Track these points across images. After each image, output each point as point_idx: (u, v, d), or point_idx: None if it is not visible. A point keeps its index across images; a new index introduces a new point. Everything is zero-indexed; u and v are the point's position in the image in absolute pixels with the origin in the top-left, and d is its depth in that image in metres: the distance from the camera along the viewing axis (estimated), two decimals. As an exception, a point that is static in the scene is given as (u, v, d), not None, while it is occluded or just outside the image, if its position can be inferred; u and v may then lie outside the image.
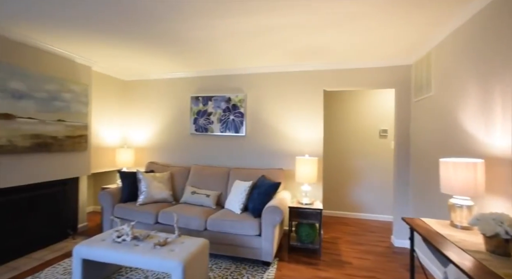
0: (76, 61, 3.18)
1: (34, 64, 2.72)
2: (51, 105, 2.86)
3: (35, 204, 2.84)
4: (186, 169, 3.56)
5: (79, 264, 2.04)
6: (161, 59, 3.28)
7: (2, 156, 2.46)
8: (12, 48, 2.53)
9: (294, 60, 3.22)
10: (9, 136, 2.48)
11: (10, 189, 2.58)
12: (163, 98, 4.06)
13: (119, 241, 2.08)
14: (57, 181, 3.03)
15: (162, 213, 2.84)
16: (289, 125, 3.48)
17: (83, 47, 2.88)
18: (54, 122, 2.89)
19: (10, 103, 2.49)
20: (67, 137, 3.05)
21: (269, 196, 2.75)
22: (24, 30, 2.46)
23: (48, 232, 2.97)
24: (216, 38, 2.57)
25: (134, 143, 4.18)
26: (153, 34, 2.51)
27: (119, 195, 3.15)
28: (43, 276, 2.31)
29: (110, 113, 3.97)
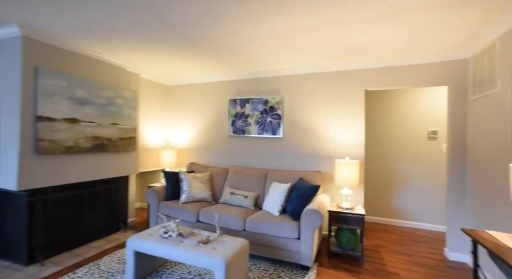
0: (126, 69, 3.48)
1: (93, 74, 3.04)
2: (107, 110, 3.17)
3: (94, 199, 3.16)
4: (225, 170, 3.67)
5: (131, 255, 2.22)
6: (201, 64, 3.43)
7: (69, 156, 2.78)
8: (76, 60, 2.86)
9: (333, 59, 3.13)
10: (75, 138, 2.80)
11: (75, 184, 2.91)
12: (203, 102, 4.23)
13: (166, 237, 2.21)
14: (111, 178, 3.34)
15: (202, 212, 2.95)
16: (327, 127, 3.38)
17: (132, 56, 3.14)
18: (109, 125, 3.20)
19: (76, 109, 2.81)
20: (119, 139, 3.34)
21: (308, 199, 2.70)
22: (85, 44, 2.76)
23: (104, 224, 3.28)
24: (254, 41, 2.61)
25: (176, 144, 4.43)
26: (194, 41, 2.64)
27: (164, 193, 3.36)
28: (102, 263, 2.56)
29: (154, 117, 4.26)
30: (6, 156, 2.45)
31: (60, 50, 2.70)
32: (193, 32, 2.42)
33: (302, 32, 2.38)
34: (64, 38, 2.63)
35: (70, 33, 2.51)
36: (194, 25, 2.27)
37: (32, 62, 2.47)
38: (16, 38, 2.41)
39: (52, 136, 2.60)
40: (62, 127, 2.68)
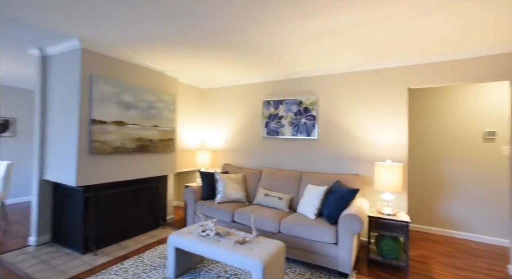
0: (166, 74, 3.68)
1: (137, 79, 3.27)
2: (149, 113, 3.38)
3: (137, 196, 3.39)
4: (258, 171, 3.68)
5: (172, 251, 2.33)
6: (235, 67, 3.50)
7: (117, 156, 3.02)
8: (123, 68, 3.10)
9: (372, 57, 2.97)
10: (122, 140, 3.04)
11: (121, 182, 3.15)
12: (237, 104, 4.31)
13: (204, 235, 2.28)
14: (152, 177, 3.56)
15: (237, 212, 2.99)
16: (366, 128, 3.22)
17: (171, 61, 3.32)
18: (151, 127, 3.41)
19: (122, 112, 3.05)
20: (160, 141, 3.55)
21: (346, 203, 2.59)
22: (130, 52, 2.98)
23: (146, 221, 3.50)
24: (291, 41, 2.59)
25: (210, 145, 4.57)
26: (231, 45, 2.70)
27: (200, 193, 3.47)
28: (145, 257, 2.72)
29: (190, 119, 4.44)
30: (67, 156, 2.74)
31: (110, 59, 2.96)
32: (230, 37, 2.48)
33: (341, 30, 2.30)
34: (114, 48, 2.87)
35: (119, 44, 2.73)
36: (231, 30, 2.33)
37: (88, 71, 2.73)
38: (76, 50, 2.69)
39: (103, 137, 2.85)
40: (111, 130, 2.93)
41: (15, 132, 4.84)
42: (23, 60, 3.38)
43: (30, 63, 3.51)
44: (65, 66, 2.81)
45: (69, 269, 2.46)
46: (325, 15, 2.04)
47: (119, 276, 2.34)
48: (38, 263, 2.57)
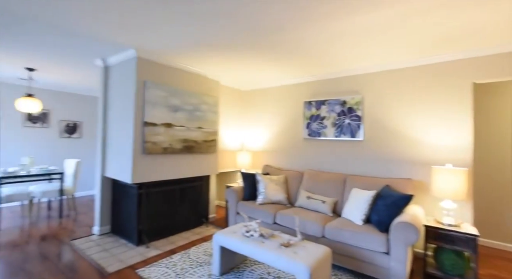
0: (209, 77, 3.83)
1: (183, 83, 3.46)
2: (194, 115, 3.55)
3: (182, 195, 3.57)
4: (300, 173, 3.61)
5: (217, 249, 2.39)
6: (277, 68, 3.48)
7: (165, 156, 3.23)
8: (170, 73, 3.31)
9: (428, 51, 2.70)
10: (170, 141, 3.24)
11: (169, 181, 3.35)
12: (277, 105, 4.30)
13: (248, 236, 2.30)
14: (196, 177, 3.72)
15: (279, 214, 2.96)
16: (420, 128, 2.93)
17: (214, 65, 3.43)
18: (195, 129, 3.57)
19: (170, 115, 3.25)
20: (203, 142, 3.70)
21: (399, 209, 2.38)
22: (177, 58, 3.16)
23: (190, 218, 3.67)
24: (334, 39, 2.48)
25: (251, 146, 4.62)
26: (273, 46, 2.69)
27: (242, 193, 3.53)
28: (191, 253, 2.85)
29: (231, 121, 4.55)
30: (124, 155, 3.02)
31: (160, 66, 3.18)
32: (272, 38, 2.47)
33: (394, 24, 2.13)
34: (163, 55, 3.08)
35: (167, 51, 2.91)
36: (274, 31, 2.32)
37: (142, 77, 2.97)
38: (132, 59, 2.95)
39: (154, 139, 3.07)
40: (160, 131, 3.14)
41: (81, 134, 5.51)
42: (89, 70, 3.83)
43: (94, 73, 3.95)
44: (123, 74, 3.10)
45: (126, 259, 2.70)
46: (376, 9, 1.90)
47: (169, 269, 2.48)
48: (101, 251, 2.86)
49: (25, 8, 2.05)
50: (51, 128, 5.10)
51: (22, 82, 4.66)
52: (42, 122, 4.98)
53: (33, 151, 4.89)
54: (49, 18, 2.21)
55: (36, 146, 4.93)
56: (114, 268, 2.51)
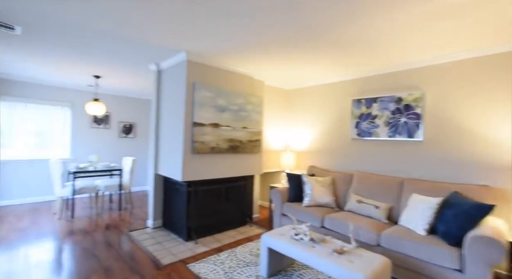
0: (254, 77, 3.84)
1: (229, 84, 3.52)
2: (239, 115, 3.59)
3: (228, 194, 3.64)
4: (348, 175, 3.40)
5: (265, 251, 2.36)
6: (323, 66, 3.33)
7: (212, 155, 3.33)
8: (217, 74, 3.39)
9: (508, 36, 2.30)
10: (217, 141, 3.32)
11: (215, 180, 3.44)
12: (322, 104, 4.13)
13: (297, 239, 2.22)
14: (241, 177, 3.76)
15: (328, 218, 2.82)
16: (501, 128, 2.52)
17: (259, 65, 3.42)
18: (240, 129, 3.61)
19: (217, 115, 3.33)
20: (248, 142, 3.72)
21: (474, 221, 2.06)
22: (223, 59, 3.22)
23: (235, 217, 3.73)
24: (390, 31, 2.26)
25: (295, 147, 4.52)
26: (320, 43, 2.56)
27: (287, 195, 3.46)
28: (237, 251, 2.88)
29: (275, 121, 4.50)
30: (175, 154, 3.18)
31: (208, 67, 3.28)
32: (323, 34, 2.36)
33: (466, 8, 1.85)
34: (210, 57, 3.17)
35: (215, 53, 2.99)
36: (325, 26, 2.20)
37: (191, 79, 3.10)
38: (183, 62, 3.10)
39: (202, 138, 3.17)
40: (208, 131, 3.23)
41: (136, 134, 6.02)
42: (144, 75, 4.15)
43: (148, 77, 4.27)
44: (174, 77, 3.28)
45: (177, 253, 2.83)
46: (449, -11, 1.67)
47: (217, 267, 2.53)
48: (155, 244, 3.06)
49: (97, 23, 2.28)
50: (111, 129, 5.67)
51: (90, 88, 5.27)
52: (104, 123, 5.57)
53: (98, 149, 5.49)
54: (114, 30, 2.42)
55: (100, 145, 5.52)
56: (167, 260, 2.65)
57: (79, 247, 2.93)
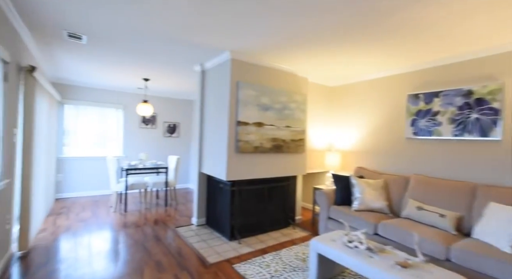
0: (297, 74, 3.69)
1: (272, 82, 3.43)
2: (282, 114, 3.48)
3: (271, 194, 3.56)
4: (404, 178, 3.07)
5: (315, 257, 2.23)
6: (374, 58, 3.05)
7: (256, 155, 3.27)
8: (261, 72, 3.32)
9: None
10: (260, 140, 3.26)
11: (259, 180, 3.39)
12: (370, 101, 3.81)
13: (351, 247, 2.04)
14: (283, 177, 3.65)
15: (383, 225, 2.57)
16: None
17: (302, 61, 3.27)
18: (284, 128, 3.50)
19: (261, 114, 3.27)
20: (291, 141, 3.59)
21: None
22: (267, 57, 3.14)
23: (277, 218, 3.63)
24: (463, 12, 1.94)
25: (340, 147, 4.27)
26: (372, 32, 2.32)
27: (333, 197, 3.25)
28: (282, 255, 2.78)
29: (318, 119, 4.30)
30: (219, 153, 3.20)
31: (251, 66, 3.23)
32: (381, 20, 2.13)
33: None
34: (254, 55, 3.12)
35: (258, 51, 2.92)
36: (386, 10, 1.98)
37: (235, 78, 3.08)
38: (227, 61, 3.10)
39: (246, 137, 3.14)
40: (252, 130, 3.19)
41: (179, 133, 6.29)
42: (188, 76, 4.28)
43: (192, 78, 4.40)
44: (218, 76, 3.30)
45: (222, 252, 2.84)
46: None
47: (263, 269, 2.46)
48: (200, 241, 3.11)
49: (149, 27, 2.37)
50: (157, 129, 6.01)
51: (139, 91, 5.64)
52: (151, 124, 5.92)
53: (145, 148, 5.85)
54: (165, 33, 2.50)
55: (147, 143, 5.88)
56: (213, 259, 2.66)
57: (131, 239, 3.11)
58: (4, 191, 2.27)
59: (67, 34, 2.65)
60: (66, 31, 2.59)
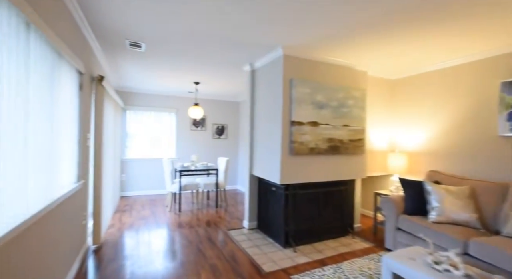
0: (355, 68, 3.34)
1: (327, 78, 3.16)
2: (339, 112, 3.18)
3: (327, 199, 3.28)
4: (500, 186, 2.50)
5: (389, 275, 1.91)
6: (446, 43, 2.55)
7: (311, 156, 3.04)
8: (314, 67, 3.08)
9: None
10: (316, 140, 3.02)
11: (314, 183, 3.14)
12: (444, 93, 3.25)
13: (439, 270, 1.68)
14: (341, 181, 3.33)
15: (477, 244, 2.09)
16: None
17: (361, 53, 2.92)
18: (341, 127, 3.19)
19: (316, 113, 3.02)
20: (349, 141, 3.26)
21: None
22: (321, 51, 2.88)
23: (334, 226, 3.32)
24: None
25: (404, 147, 3.75)
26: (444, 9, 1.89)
27: (402, 205, 2.83)
28: (344, 268, 2.49)
29: (378, 116, 3.85)
30: (272, 155, 3.05)
31: (304, 61, 3.01)
32: None
33: None
34: (307, 50, 2.89)
35: (312, 45, 2.69)
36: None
37: (288, 75, 2.90)
38: (278, 58, 2.94)
39: (301, 138, 2.93)
40: (306, 130, 2.96)
41: (227, 135, 6.37)
42: (235, 77, 4.25)
43: (239, 79, 4.36)
44: (269, 75, 3.16)
45: (277, 260, 2.67)
46: None
47: (325, 284, 2.22)
48: (253, 246, 3.00)
49: (200, 27, 2.35)
50: (207, 131, 6.17)
51: (190, 94, 5.86)
52: (201, 126, 6.10)
53: (196, 149, 6.05)
54: (216, 33, 2.45)
55: (197, 145, 6.08)
56: (269, 267, 2.51)
57: (186, 240, 3.15)
58: (80, 191, 2.47)
59: (129, 43, 2.80)
60: (128, 40, 2.73)
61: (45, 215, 1.62)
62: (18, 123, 1.27)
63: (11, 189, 1.22)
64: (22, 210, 1.33)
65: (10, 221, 1.20)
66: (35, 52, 1.46)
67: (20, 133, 1.30)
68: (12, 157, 1.22)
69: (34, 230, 1.46)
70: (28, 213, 1.37)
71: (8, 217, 1.19)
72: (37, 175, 1.51)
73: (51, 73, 1.69)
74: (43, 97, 1.59)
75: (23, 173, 1.34)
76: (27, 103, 1.37)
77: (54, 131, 1.76)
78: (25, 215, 1.34)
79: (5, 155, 1.15)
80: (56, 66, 1.79)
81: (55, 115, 1.78)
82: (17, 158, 1.27)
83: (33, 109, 1.44)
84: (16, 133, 1.25)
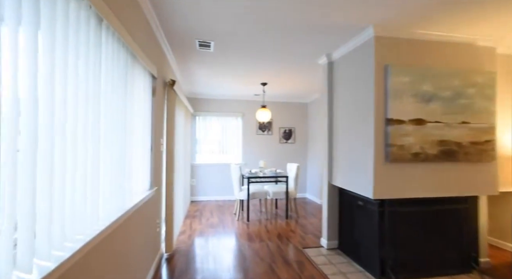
0: (477, 44, 2.47)
1: (435, 60, 2.40)
2: (454, 104, 2.37)
3: (438, 221, 2.47)
4: None
5: None
6: None
7: (415, 164, 2.33)
8: (416, 48, 2.37)
9: None
10: (421, 143, 2.29)
11: (418, 200, 2.40)
12: None
13: None
14: (458, 197, 2.48)
15: None
16: None
17: (486, 22, 2.08)
18: (457, 125, 2.37)
19: (420, 107, 2.31)
20: (471, 144, 2.39)
21: None
22: (425, 25, 2.17)
23: (449, 257, 2.48)
24: None
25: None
26: None
27: None
28: None
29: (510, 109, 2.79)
30: (360, 162, 2.46)
31: (403, 42, 2.35)
32: None
33: None
34: (407, 26, 2.23)
35: (415, 18, 2.02)
36: None
37: (382, 61, 2.29)
38: (369, 40, 2.36)
39: (401, 141, 2.26)
40: (408, 130, 2.28)
41: (295, 139, 5.93)
42: (305, 74, 3.80)
43: (310, 75, 3.89)
44: (354, 64, 2.59)
45: (375, 299, 2.06)
46: None
47: None
48: (338, 273, 2.44)
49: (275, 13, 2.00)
50: (273, 135, 5.86)
51: (256, 98, 5.66)
52: (267, 130, 5.83)
53: (262, 155, 5.80)
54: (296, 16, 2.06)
55: (264, 150, 5.82)
56: (365, 309, 1.93)
57: (257, 256, 2.81)
58: (153, 197, 2.41)
59: (198, 43, 2.68)
60: (198, 40, 2.61)
61: (123, 222, 1.50)
62: (98, 128, 1.23)
63: (107, 191, 1.30)
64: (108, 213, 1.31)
65: (101, 223, 1.24)
66: (112, 54, 1.35)
67: (100, 139, 1.21)
68: (92, 163, 1.19)
69: (117, 234, 1.43)
70: (108, 219, 1.31)
71: (101, 219, 1.25)
72: (117, 179, 1.44)
73: (124, 77, 1.59)
74: (118, 102, 1.48)
75: (107, 179, 1.33)
76: (104, 107, 1.28)
77: (127, 136, 1.66)
78: (110, 218, 1.33)
79: (94, 159, 1.07)
80: (129, 70, 1.69)
81: (128, 120, 1.67)
82: (96, 163, 1.23)
83: (110, 114, 1.36)
84: (97, 139, 1.21)
